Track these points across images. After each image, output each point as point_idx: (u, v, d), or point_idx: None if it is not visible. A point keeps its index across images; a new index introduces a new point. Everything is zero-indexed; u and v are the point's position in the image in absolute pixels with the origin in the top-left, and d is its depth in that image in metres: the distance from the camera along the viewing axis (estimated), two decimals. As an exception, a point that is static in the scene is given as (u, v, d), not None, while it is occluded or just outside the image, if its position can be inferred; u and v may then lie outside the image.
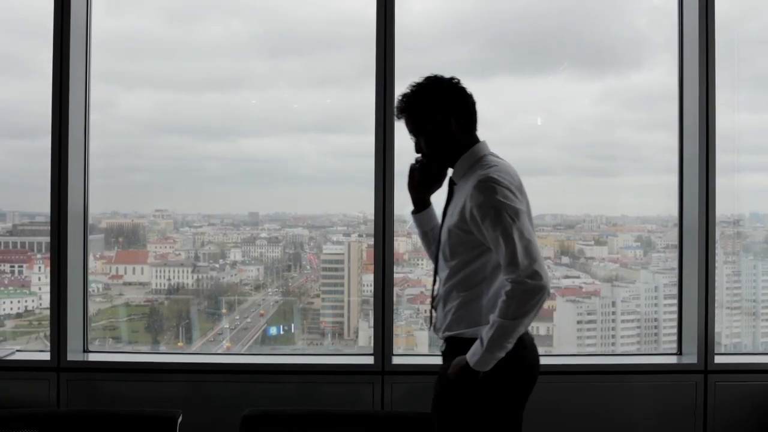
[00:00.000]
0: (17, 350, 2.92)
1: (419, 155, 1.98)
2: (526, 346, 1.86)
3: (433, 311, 1.99)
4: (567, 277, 3.37)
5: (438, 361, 1.94)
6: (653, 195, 3.28)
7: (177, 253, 3.42)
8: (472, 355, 1.74)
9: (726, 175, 2.91)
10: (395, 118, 1.93)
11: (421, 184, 2.03)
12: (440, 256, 1.93)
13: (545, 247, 3.43)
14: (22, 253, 3.40)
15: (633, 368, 2.81)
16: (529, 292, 1.68)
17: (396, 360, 2.74)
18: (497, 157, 1.91)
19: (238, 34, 3.28)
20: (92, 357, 2.88)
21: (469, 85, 1.94)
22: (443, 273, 1.91)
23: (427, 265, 3.35)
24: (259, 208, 3.49)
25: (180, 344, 3.26)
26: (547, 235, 3.43)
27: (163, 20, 3.30)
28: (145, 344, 3.31)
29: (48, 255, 3.36)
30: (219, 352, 3.23)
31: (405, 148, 2.07)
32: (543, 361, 1.93)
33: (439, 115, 1.86)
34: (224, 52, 3.27)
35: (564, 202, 3.40)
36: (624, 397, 2.75)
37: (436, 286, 1.96)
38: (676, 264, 2.96)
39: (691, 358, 2.82)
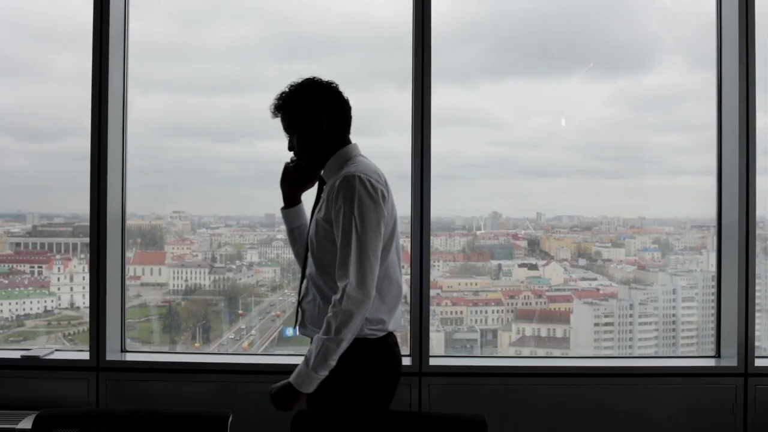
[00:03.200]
0: (56, 350, 2.95)
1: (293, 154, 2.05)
2: (396, 343, 1.95)
3: (300, 308, 2.00)
4: (584, 279, 3.35)
5: (476, 362, 1.95)
6: (670, 197, 3.26)
7: (194, 254, 3.45)
8: (297, 375, 1.77)
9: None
10: (271, 115, 1.99)
11: (293, 181, 2.09)
12: (309, 251, 1.96)
13: (562, 249, 3.42)
14: (41, 254, 3.44)
15: (671, 371, 2.78)
16: (347, 312, 1.73)
17: (433, 361, 2.72)
18: (367, 159, 1.98)
19: (247, 38, 3.30)
20: (129, 357, 2.90)
21: (480, 87, 1.97)
22: (311, 269, 1.94)
23: (443, 266, 3.35)
24: (276, 210, 3.50)
25: (197, 345, 3.29)
26: (564, 237, 3.42)
27: (174, 25, 3.33)
28: (162, 345, 3.33)
29: (67, 256, 3.42)
30: (255, 353, 3.24)
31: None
32: (575, 363, 1.92)
33: (313, 116, 1.93)
34: (234, 56, 3.29)
35: (580, 203, 3.39)
36: (660, 400, 2.71)
37: (304, 284, 1.99)
38: (694, 266, 2.95)
39: (730, 361, 2.78)
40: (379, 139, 3.35)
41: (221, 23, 3.32)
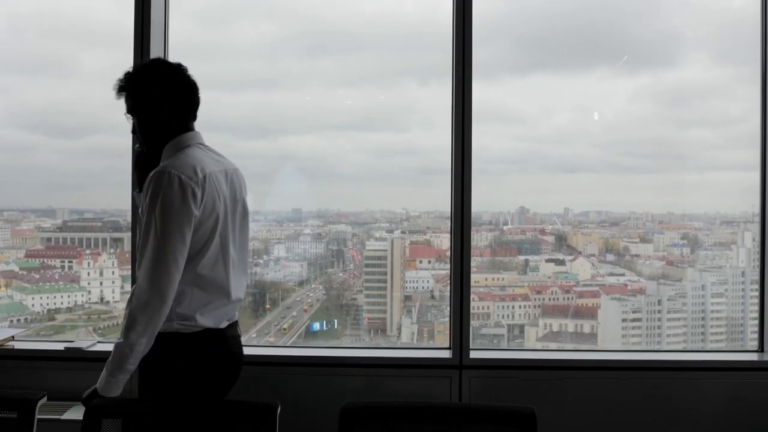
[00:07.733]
0: (98, 342, 2.96)
1: None
2: (218, 341, 1.88)
3: None
4: (612, 274, 3.34)
5: (517, 355, 1.94)
6: (699, 192, 3.24)
7: (222, 249, 3.46)
8: (100, 381, 1.77)
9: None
10: (116, 95, 1.90)
11: (144, 165, 1.97)
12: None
13: (589, 244, 3.41)
14: (71, 248, 3.48)
15: (714, 365, 2.73)
16: (132, 316, 1.70)
17: (474, 354, 2.71)
18: (203, 148, 1.91)
19: (272, 36, 3.33)
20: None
21: (505, 83, 1.94)
22: (138, 262, 1.86)
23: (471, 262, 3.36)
24: (302, 205, 3.54)
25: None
26: (592, 232, 3.41)
27: (200, 23, 3.36)
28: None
29: (96, 251, 3.46)
30: (300, 345, 3.26)
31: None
32: (618, 357, 1.89)
33: (152, 99, 1.86)
34: (260, 53, 3.32)
35: (607, 199, 3.38)
36: (701, 393, 2.68)
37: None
38: (723, 262, 2.94)
39: (775, 355, 2.75)
40: (404, 135, 3.37)
41: (247, 21, 3.34)
